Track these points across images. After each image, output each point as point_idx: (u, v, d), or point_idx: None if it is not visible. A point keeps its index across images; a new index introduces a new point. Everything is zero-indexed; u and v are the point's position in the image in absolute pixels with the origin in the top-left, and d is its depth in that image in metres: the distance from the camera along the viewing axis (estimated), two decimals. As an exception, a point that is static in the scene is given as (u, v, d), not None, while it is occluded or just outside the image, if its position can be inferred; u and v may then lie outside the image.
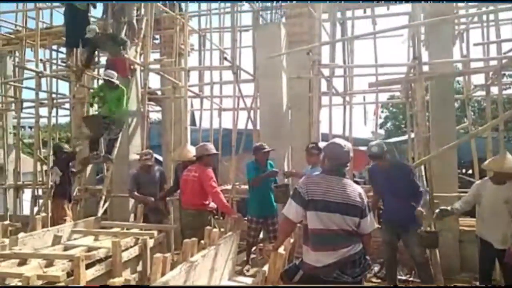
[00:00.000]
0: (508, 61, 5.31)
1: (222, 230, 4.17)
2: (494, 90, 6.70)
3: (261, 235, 5.42)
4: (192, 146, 5.40)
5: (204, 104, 9.28)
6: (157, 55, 8.89)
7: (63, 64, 8.25)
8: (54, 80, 8.28)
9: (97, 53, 7.41)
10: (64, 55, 8.25)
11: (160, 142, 9.01)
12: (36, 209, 7.05)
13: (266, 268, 3.28)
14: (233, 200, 6.79)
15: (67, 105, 8.96)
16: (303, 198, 2.63)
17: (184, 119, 7.33)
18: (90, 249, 3.78)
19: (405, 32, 7.56)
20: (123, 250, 3.71)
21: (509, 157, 4.16)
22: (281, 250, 3.23)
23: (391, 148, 10.44)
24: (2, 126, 8.95)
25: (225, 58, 8.13)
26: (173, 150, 7.00)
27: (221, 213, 6.29)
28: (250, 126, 7.28)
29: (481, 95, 9.21)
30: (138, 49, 6.89)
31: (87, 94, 7.63)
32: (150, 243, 4.18)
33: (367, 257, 2.71)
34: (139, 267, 4.07)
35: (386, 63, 6.69)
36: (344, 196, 2.61)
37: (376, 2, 7.79)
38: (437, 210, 4.20)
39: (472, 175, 7.25)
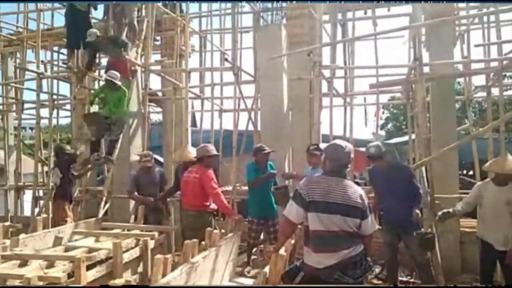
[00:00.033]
0: (509, 62, 5.31)
1: (223, 231, 4.18)
2: (495, 91, 6.72)
3: (262, 237, 5.42)
4: (193, 147, 5.40)
5: (205, 105, 9.28)
6: (158, 57, 8.92)
7: (64, 65, 8.26)
8: (55, 81, 8.26)
9: (98, 55, 7.41)
10: (65, 57, 8.26)
11: (161, 143, 9.00)
12: (37, 210, 7.03)
13: (267, 270, 3.27)
14: (234, 201, 6.78)
15: (68, 106, 8.97)
16: (304, 199, 2.63)
17: (185, 120, 7.32)
18: (91, 250, 3.78)
19: (406, 33, 7.55)
20: (124, 251, 3.72)
21: (510, 159, 4.15)
22: (282, 252, 3.22)
23: (391, 149, 10.48)
24: (3, 127, 8.96)
25: (226, 59, 8.13)
26: (174, 151, 7.01)
27: (222, 214, 6.30)
28: (251, 127, 7.27)
29: (482, 96, 9.21)
30: (139, 51, 6.89)
31: (88, 95, 7.63)
32: (151, 244, 4.18)
33: (368, 259, 2.71)
34: (140, 268, 4.07)
35: (387, 64, 6.72)
36: (345, 197, 2.61)
37: (377, 3, 7.79)
38: (440, 213, 4.20)
39: (473, 176, 7.23)
